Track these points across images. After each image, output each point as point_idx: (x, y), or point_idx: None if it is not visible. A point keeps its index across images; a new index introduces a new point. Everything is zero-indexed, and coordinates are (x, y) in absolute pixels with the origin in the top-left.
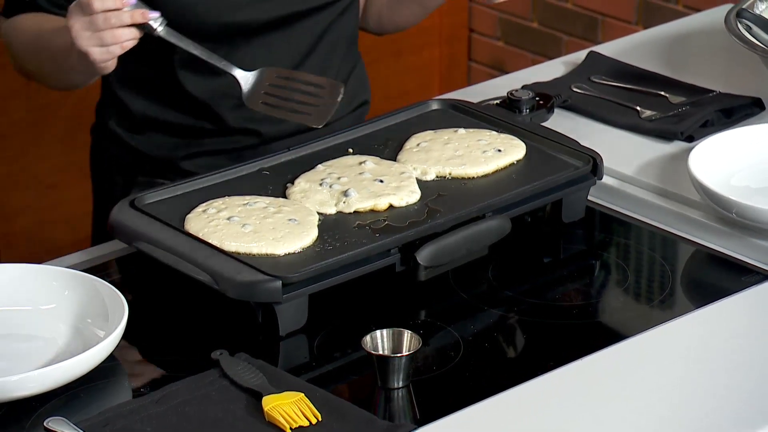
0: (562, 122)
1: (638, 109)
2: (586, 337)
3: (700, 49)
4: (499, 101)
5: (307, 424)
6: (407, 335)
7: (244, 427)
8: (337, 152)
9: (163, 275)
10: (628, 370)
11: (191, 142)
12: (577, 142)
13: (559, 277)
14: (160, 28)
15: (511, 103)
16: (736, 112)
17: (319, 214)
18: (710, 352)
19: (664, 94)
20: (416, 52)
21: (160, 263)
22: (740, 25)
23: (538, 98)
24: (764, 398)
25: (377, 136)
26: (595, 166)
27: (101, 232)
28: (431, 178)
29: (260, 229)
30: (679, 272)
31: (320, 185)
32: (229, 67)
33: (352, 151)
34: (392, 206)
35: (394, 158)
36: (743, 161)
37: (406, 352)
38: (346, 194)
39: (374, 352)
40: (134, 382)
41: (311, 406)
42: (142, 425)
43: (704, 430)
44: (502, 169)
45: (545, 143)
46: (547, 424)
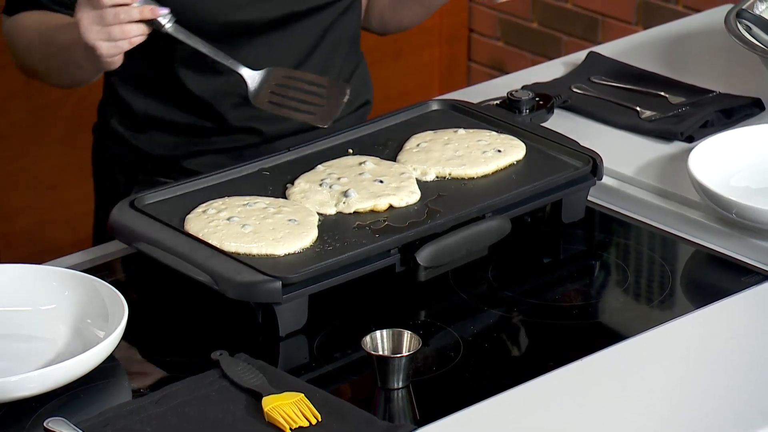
0: (562, 123)
1: (638, 109)
2: (586, 337)
3: (699, 49)
4: (498, 102)
5: (306, 424)
6: (407, 336)
7: (243, 427)
8: (337, 152)
9: (163, 276)
10: (628, 370)
11: (192, 140)
12: (576, 142)
13: (559, 277)
14: (168, 24)
15: (510, 103)
16: (736, 112)
17: (319, 214)
18: (710, 352)
19: (663, 94)
20: (416, 52)
21: (160, 264)
22: (740, 25)
23: (538, 99)
24: (764, 398)
25: (377, 136)
26: (594, 166)
27: (103, 231)
28: (431, 178)
29: (260, 229)
30: (678, 273)
31: (320, 186)
32: (236, 65)
33: (352, 151)
34: (392, 207)
35: (394, 158)
36: (743, 162)
37: (405, 352)
38: (346, 195)
39: (374, 352)
40: (134, 382)
41: (311, 406)
42: (142, 426)
43: (704, 430)
44: (501, 169)
45: (545, 144)
46: (547, 424)
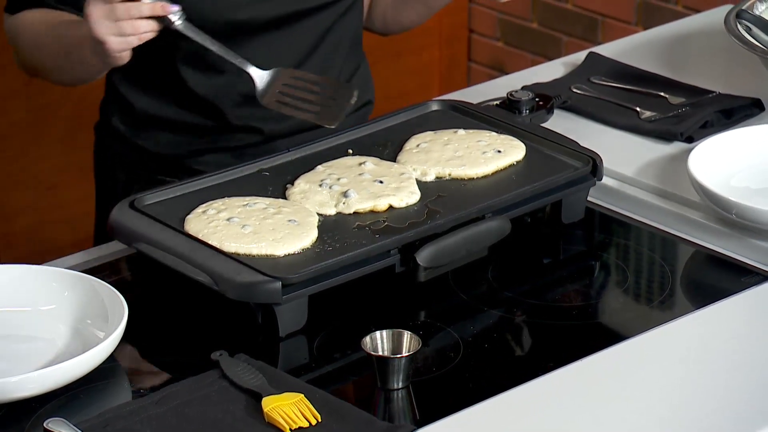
0: (561, 123)
1: (638, 109)
2: (585, 337)
3: (699, 49)
4: (498, 102)
5: (306, 425)
6: (407, 336)
7: (243, 427)
8: (336, 153)
9: (162, 276)
10: (628, 370)
11: (194, 139)
12: (576, 142)
13: (558, 277)
14: (178, 22)
15: (510, 103)
16: (735, 112)
17: (318, 214)
18: (710, 352)
19: (663, 95)
20: (416, 52)
21: (159, 264)
22: (740, 26)
23: (537, 99)
24: (764, 398)
25: (377, 136)
26: (594, 166)
27: (104, 230)
28: (431, 178)
29: (260, 230)
30: (678, 273)
31: (320, 186)
32: (244, 64)
33: (351, 151)
34: (392, 207)
35: (393, 159)
36: (743, 162)
37: (405, 353)
38: (345, 195)
39: (374, 353)
40: (134, 383)
41: (311, 407)
42: (141, 426)
43: (704, 430)
44: (501, 169)
45: (545, 144)
46: (547, 424)
